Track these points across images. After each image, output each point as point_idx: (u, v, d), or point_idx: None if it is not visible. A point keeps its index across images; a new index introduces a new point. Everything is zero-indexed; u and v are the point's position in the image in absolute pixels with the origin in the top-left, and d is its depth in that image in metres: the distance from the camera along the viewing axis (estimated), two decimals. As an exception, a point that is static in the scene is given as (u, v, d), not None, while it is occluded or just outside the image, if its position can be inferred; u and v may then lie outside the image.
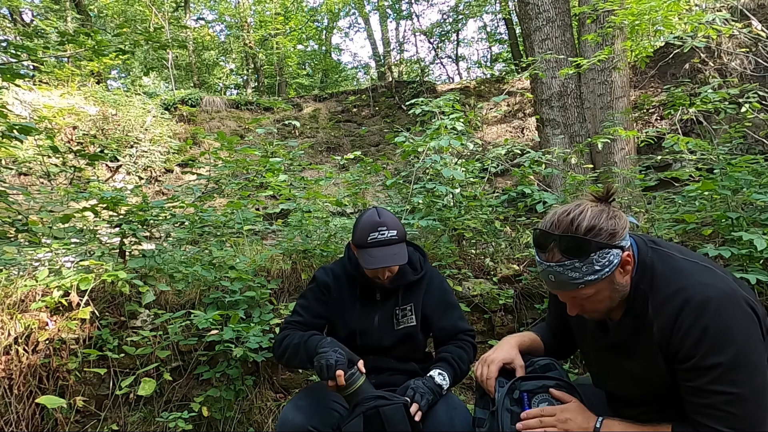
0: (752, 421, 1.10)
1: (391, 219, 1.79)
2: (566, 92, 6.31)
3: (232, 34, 18.83)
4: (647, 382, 1.26)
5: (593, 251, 1.14)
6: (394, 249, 1.75)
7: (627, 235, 1.20)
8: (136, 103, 10.43)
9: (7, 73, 3.01)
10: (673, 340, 1.15)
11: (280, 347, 1.83)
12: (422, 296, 1.90)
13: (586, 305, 1.24)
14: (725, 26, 3.79)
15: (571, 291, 1.20)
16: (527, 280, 3.10)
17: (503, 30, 18.00)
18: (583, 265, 1.15)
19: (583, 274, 1.16)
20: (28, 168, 7.88)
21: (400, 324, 1.88)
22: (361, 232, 1.77)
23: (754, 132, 4.31)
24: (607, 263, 1.15)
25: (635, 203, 4.01)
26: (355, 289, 1.90)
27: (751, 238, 2.28)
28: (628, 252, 1.19)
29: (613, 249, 1.15)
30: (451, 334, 1.90)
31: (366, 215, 1.82)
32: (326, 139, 12.07)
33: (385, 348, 1.87)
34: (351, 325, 1.87)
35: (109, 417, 2.31)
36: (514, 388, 1.39)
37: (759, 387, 1.11)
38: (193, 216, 3.20)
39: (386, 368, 1.87)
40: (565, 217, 1.18)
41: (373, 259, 1.73)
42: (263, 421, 2.45)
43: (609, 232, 1.15)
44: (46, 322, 2.31)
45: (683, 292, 1.14)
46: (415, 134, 3.94)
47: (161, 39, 5.71)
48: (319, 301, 1.90)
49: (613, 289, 1.20)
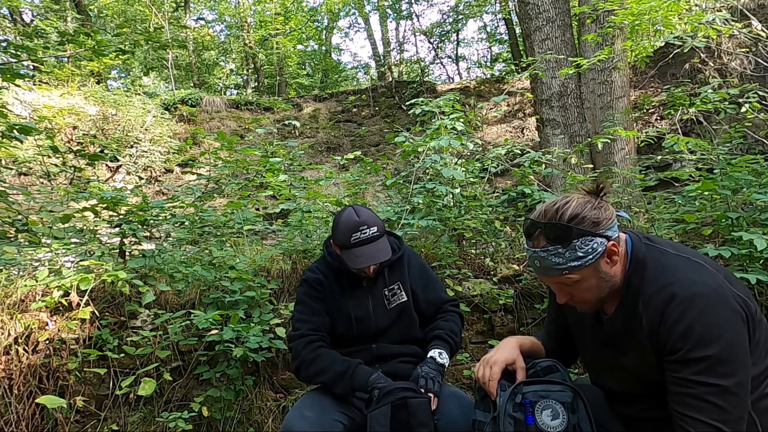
0: (734, 414, 1.11)
1: (370, 216, 1.83)
2: (566, 92, 6.31)
3: (232, 34, 18.83)
4: (642, 377, 1.27)
5: (575, 238, 1.20)
6: (378, 245, 1.79)
7: (614, 227, 1.24)
8: (136, 103, 10.42)
9: (7, 73, 3.01)
10: (661, 332, 1.17)
11: (310, 367, 1.77)
12: (406, 274, 1.95)
13: (574, 294, 1.28)
14: (725, 26, 3.78)
15: (556, 277, 1.25)
16: (527, 280, 3.10)
17: (503, 30, 18.01)
18: (566, 251, 1.20)
19: (567, 260, 1.21)
20: (28, 168, 7.88)
21: (392, 303, 1.91)
22: (343, 233, 1.79)
23: (754, 132, 4.31)
24: (590, 251, 1.20)
25: (635, 203, 4.01)
26: (341, 281, 1.93)
27: (751, 238, 2.28)
28: (614, 242, 1.23)
29: (597, 237, 1.20)
30: (436, 306, 1.97)
31: (344, 216, 1.83)
32: (326, 139, 12.07)
33: (383, 330, 1.90)
34: (346, 316, 1.89)
35: (109, 417, 2.31)
36: (517, 392, 1.37)
37: (743, 382, 1.12)
38: (193, 216, 3.20)
39: (390, 355, 1.90)
40: (551, 207, 1.24)
41: (359, 259, 1.77)
42: (263, 421, 2.45)
43: (592, 221, 1.20)
44: (46, 322, 2.31)
45: (671, 287, 1.17)
46: (415, 134, 3.94)
47: (161, 39, 5.71)
48: (317, 299, 1.91)
49: (599, 278, 1.24)
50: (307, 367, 1.78)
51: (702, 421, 1.11)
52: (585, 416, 1.33)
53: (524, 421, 1.32)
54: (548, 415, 1.33)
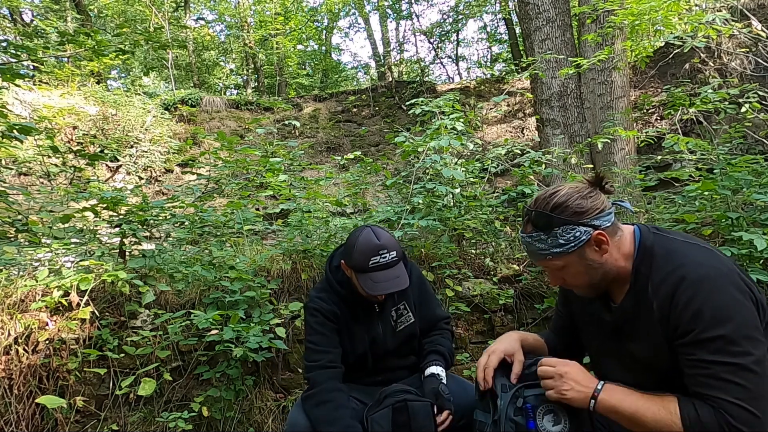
0: (755, 391, 1.10)
1: (390, 239, 1.74)
2: (566, 92, 6.31)
3: (232, 34, 18.83)
4: (650, 365, 1.26)
5: (556, 226, 1.25)
6: (396, 271, 1.72)
7: (605, 217, 1.26)
8: (136, 103, 10.42)
9: (7, 73, 3.01)
10: (672, 315, 1.17)
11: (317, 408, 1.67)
12: (409, 292, 1.92)
13: (565, 278, 1.33)
14: (725, 26, 3.78)
15: (541, 260, 1.31)
16: (527, 280, 3.10)
17: (503, 30, 18.01)
18: (548, 237, 1.26)
19: (549, 246, 1.27)
20: (28, 168, 7.88)
21: (399, 325, 1.88)
22: (362, 256, 1.69)
23: (754, 132, 4.31)
24: (571, 239, 1.24)
25: (635, 203, 4.01)
26: (356, 312, 1.85)
27: (751, 238, 2.28)
28: (602, 232, 1.25)
29: (579, 226, 1.24)
30: (432, 323, 1.96)
31: (363, 237, 1.73)
32: (326, 139, 12.07)
33: (391, 351, 1.88)
34: (361, 349, 1.84)
35: (109, 417, 2.31)
36: (518, 396, 1.35)
37: (761, 359, 1.11)
38: (193, 216, 3.20)
39: (389, 367, 1.89)
40: (542, 195, 1.31)
41: (377, 285, 1.69)
42: (263, 421, 2.45)
43: (574, 211, 1.24)
44: (46, 322, 2.31)
45: (680, 270, 1.19)
46: (415, 134, 3.94)
47: (161, 39, 5.72)
48: (333, 330, 1.81)
49: (586, 265, 1.27)
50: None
51: (726, 401, 1.10)
52: (587, 420, 1.32)
53: (525, 425, 1.30)
54: (550, 420, 1.30)
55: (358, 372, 1.88)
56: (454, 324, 2.93)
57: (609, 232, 1.26)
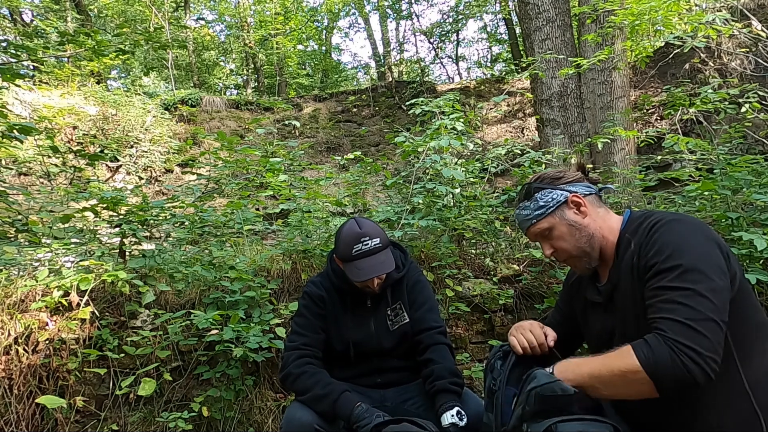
0: (705, 315, 1.09)
1: (372, 227, 1.78)
2: (566, 92, 6.31)
3: (232, 34, 18.83)
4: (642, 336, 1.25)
5: (536, 191, 1.42)
6: (380, 257, 1.75)
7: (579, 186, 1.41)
8: (136, 103, 10.42)
9: (7, 73, 3.01)
10: (642, 255, 1.24)
11: (295, 383, 1.74)
12: (405, 291, 1.92)
13: (553, 243, 1.41)
14: (725, 26, 3.78)
15: (530, 228, 1.43)
16: (527, 280, 3.10)
17: (503, 30, 18.02)
18: (531, 203, 1.42)
19: (532, 211, 1.41)
20: (28, 168, 7.88)
21: (394, 324, 1.88)
22: (345, 245, 1.75)
23: (754, 132, 4.31)
24: (550, 200, 1.39)
25: (635, 203, 4.01)
26: (345, 301, 1.89)
27: (751, 238, 2.28)
28: (576, 194, 1.38)
29: (555, 190, 1.40)
30: (421, 328, 1.87)
31: (346, 228, 1.79)
32: (326, 139, 12.07)
33: (387, 350, 1.88)
34: (346, 338, 1.86)
35: (109, 417, 2.31)
36: (552, 431, 1.17)
37: (716, 289, 1.12)
38: (193, 216, 3.20)
39: (390, 368, 1.89)
40: None
41: (361, 271, 1.73)
42: (263, 421, 2.45)
43: (552, 178, 1.42)
44: (46, 322, 2.31)
45: (655, 218, 1.29)
46: (415, 134, 3.94)
47: (161, 39, 5.71)
48: (317, 316, 1.87)
49: (569, 226, 1.37)
50: (292, 382, 1.76)
51: (672, 320, 1.11)
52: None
53: None
54: None
55: (344, 362, 1.87)
56: (454, 324, 2.93)
57: (588, 200, 1.39)
